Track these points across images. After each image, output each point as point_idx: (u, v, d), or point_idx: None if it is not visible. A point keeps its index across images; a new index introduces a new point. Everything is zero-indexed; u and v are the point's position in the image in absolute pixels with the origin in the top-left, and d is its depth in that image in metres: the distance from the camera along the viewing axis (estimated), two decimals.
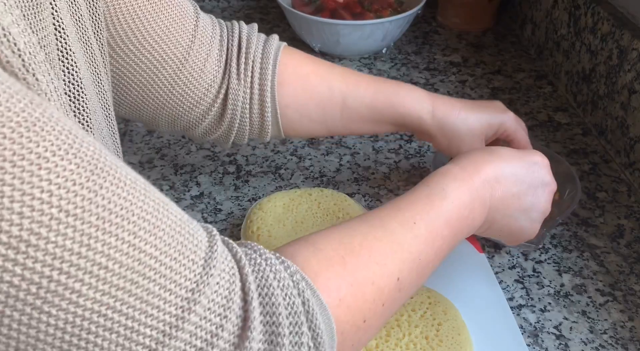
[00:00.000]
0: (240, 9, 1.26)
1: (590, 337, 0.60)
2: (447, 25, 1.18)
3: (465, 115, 0.63)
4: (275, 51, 0.63)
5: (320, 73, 0.64)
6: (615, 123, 0.82)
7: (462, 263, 0.66)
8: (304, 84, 0.63)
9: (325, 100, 0.63)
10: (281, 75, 0.62)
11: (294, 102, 0.63)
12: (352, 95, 0.63)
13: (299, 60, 0.65)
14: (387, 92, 0.64)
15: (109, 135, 0.48)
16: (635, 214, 0.74)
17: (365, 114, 0.64)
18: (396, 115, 0.64)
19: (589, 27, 0.88)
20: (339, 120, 0.65)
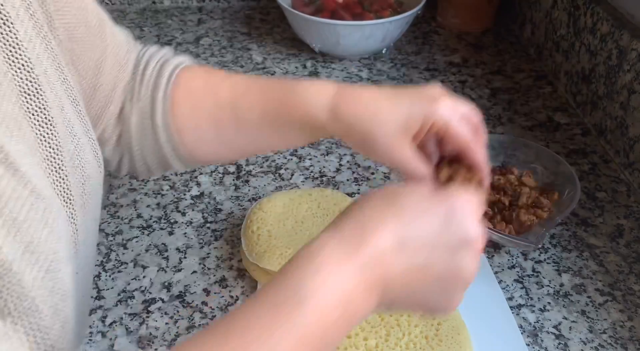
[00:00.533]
0: (241, 9, 1.26)
1: (589, 337, 0.60)
2: (446, 26, 1.18)
3: (374, 109, 0.48)
4: (169, 72, 0.55)
5: (208, 86, 0.56)
6: (615, 123, 0.82)
7: None
8: (192, 102, 0.55)
9: (216, 115, 0.54)
10: (174, 98, 0.54)
11: (187, 124, 0.55)
12: (241, 104, 0.54)
13: (191, 77, 0.56)
14: (279, 94, 0.53)
15: (82, 132, 0.45)
16: (635, 214, 0.74)
17: (261, 123, 0.53)
18: (291, 118, 0.52)
19: (589, 28, 0.88)
20: (237, 136, 0.55)
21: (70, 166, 0.42)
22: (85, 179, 0.44)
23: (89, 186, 0.44)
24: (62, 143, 0.41)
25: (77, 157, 0.43)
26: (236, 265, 0.68)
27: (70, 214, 0.41)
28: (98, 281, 0.66)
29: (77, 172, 0.43)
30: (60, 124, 0.41)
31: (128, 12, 1.24)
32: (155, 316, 0.62)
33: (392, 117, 0.48)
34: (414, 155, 0.48)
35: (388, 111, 0.48)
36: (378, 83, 1.00)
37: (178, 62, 0.57)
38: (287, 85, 0.53)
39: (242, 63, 1.06)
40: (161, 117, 0.54)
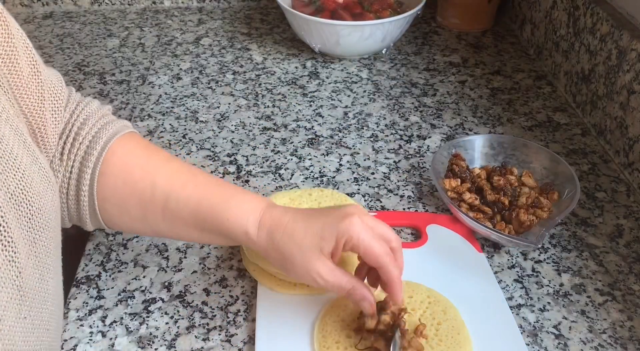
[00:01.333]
0: (241, 10, 1.26)
1: (589, 337, 0.60)
2: (446, 26, 1.18)
3: (292, 230, 0.53)
4: (107, 138, 0.55)
5: (147, 168, 0.56)
6: (615, 123, 0.82)
7: (462, 263, 0.66)
8: (126, 177, 0.55)
9: (147, 198, 0.55)
10: (106, 166, 0.54)
11: (114, 196, 0.55)
12: (174, 197, 0.55)
13: (130, 151, 0.56)
14: (213, 200, 0.55)
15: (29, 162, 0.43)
16: (634, 214, 0.74)
17: (189, 220, 0.56)
18: (220, 227, 0.55)
19: (588, 28, 0.88)
20: (162, 222, 0.56)
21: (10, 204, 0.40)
22: (34, 213, 0.42)
23: (39, 219, 0.43)
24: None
25: (21, 192, 0.42)
26: (236, 265, 0.68)
27: (10, 258, 0.39)
28: (98, 281, 0.66)
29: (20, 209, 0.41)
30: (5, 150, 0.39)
31: (128, 12, 1.24)
32: (155, 316, 0.62)
33: (306, 239, 0.53)
34: (331, 271, 0.53)
35: (303, 233, 0.53)
36: (377, 83, 1.00)
37: (117, 128, 0.57)
38: (221, 196, 0.56)
39: (242, 63, 1.06)
40: (88, 185, 0.54)
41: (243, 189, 0.58)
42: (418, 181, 0.80)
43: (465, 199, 0.71)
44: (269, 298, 0.62)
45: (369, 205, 0.76)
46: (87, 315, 0.62)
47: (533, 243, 0.64)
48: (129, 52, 1.09)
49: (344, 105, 0.95)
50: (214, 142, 0.87)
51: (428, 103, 0.96)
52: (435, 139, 0.87)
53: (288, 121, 0.91)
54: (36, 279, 0.42)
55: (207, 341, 0.59)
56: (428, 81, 1.01)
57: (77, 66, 1.05)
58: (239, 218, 0.55)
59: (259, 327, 0.59)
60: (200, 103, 0.95)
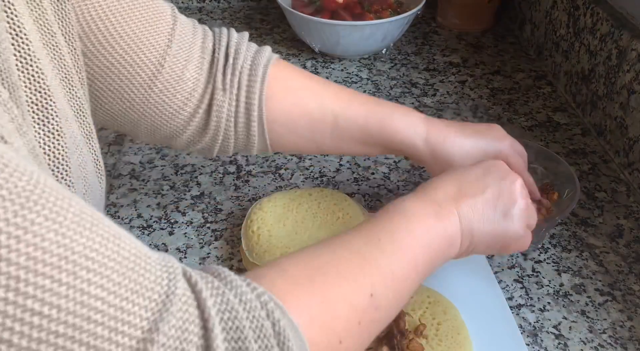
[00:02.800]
0: (241, 10, 1.26)
1: (589, 337, 0.60)
2: (446, 26, 1.18)
3: (461, 142, 0.61)
4: (265, 63, 0.59)
5: (312, 89, 0.61)
6: (615, 123, 0.82)
7: (462, 263, 0.66)
8: (294, 99, 0.60)
9: (316, 117, 0.60)
10: (270, 89, 0.59)
11: (283, 117, 0.60)
12: (344, 115, 0.60)
13: (290, 74, 0.61)
14: (380, 114, 0.60)
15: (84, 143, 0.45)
16: (634, 214, 0.74)
17: (357, 136, 0.61)
18: (388, 138, 0.61)
19: (588, 28, 0.88)
20: (329, 139, 0.62)
21: (75, 177, 0.42)
22: (87, 190, 0.44)
23: (90, 198, 0.45)
24: (69, 154, 0.41)
25: (80, 167, 0.43)
26: (236, 265, 0.68)
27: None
28: None
29: (79, 183, 0.43)
30: (66, 134, 0.41)
31: None
32: None
33: (472, 152, 0.61)
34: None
35: (470, 146, 0.61)
36: (378, 83, 1.00)
37: (268, 54, 0.61)
38: (385, 109, 0.61)
39: None
40: (257, 109, 0.58)
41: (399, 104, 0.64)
42: (418, 181, 0.80)
43: None
44: None
45: (369, 205, 0.76)
46: None
47: (533, 243, 0.64)
48: None
49: None
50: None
51: (428, 103, 0.96)
52: None
53: None
54: None
55: None
56: (428, 81, 1.01)
57: None
58: (408, 130, 0.60)
59: None
60: None
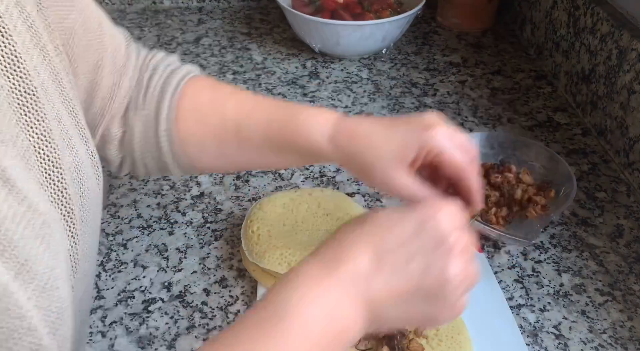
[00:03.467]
0: (241, 10, 1.26)
1: (589, 337, 0.60)
2: (446, 26, 1.18)
3: (370, 141, 0.51)
4: (176, 83, 0.56)
5: (215, 104, 0.57)
6: (615, 123, 0.82)
7: None
8: (198, 116, 0.56)
9: (220, 132, 0.56)
10: (179, 110, 0.56)
11: (190, 137, 0.56)
12: (245, 123, 0.55)
13: (197, 90, 0.57)
14: (282, 118, 0.55)
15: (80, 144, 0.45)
16: (635, 214, 0.74)
17: (262, 144, 0.56)
18: (292, 142, 0.54)
19: (589, 28, 0.88)
20: (239, 153, 0.57)
21: (69, 178, 0.41)
22: (84, 192, 0.44)
23: (87, 199, 0.44)
24: (61, 156, 0.40)
25: (76, 169, 0.43)
26: (236, 265, 0.68)
27: (69, 228, 0.41)
28: (98, 281, 0.66)
29: (75, 185, 0.42)
30: (58, 136, 0.40)
31: (128, 12, 1.24)
32: (155, 316, 0.62)
33: (387, 148, 0.50)
34: (411, 181, 0.50)
35: (383, 142, 0.50)
36: (378, 83, 1.00)
37: (185, 72, 0.58)
38: (291, 111, 0.55)
39: (242, 63, 1.06)
40: (165, 128, 0.55)
41: (310, 106, 0.58)
42: None
43: None
44: None
45: (369, 205, 0.76)
46: None
47: (527, 239, 0.65)
48: None
49: (344, 105, 0.95)
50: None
51: (428, 103, 0.96)
52: None
53: None
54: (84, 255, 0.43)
55: None
56: (428, 81, 1.01)
57: None
58: (313, 132, 0.53)
59: None
60: None
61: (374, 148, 0.51)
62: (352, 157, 0.52)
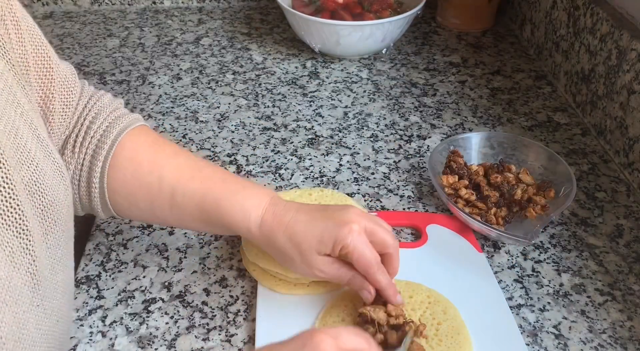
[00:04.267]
0: (241, 10, 1.26)
1: (589, 337, 0.60)
2: (446, 26, 1.18)
3: (292, 231, 0.55)
4: (118, 132, 0.57)
5: (155, 162, 0.58)
6: (615, 123, 0.82)
7: (462, 263, 0.66)
8: (134, 171, 0.57)
9: (154, 192, 0.57)
10: (115, 159, 0.57)
11: (122, 189, 0.58)
12: (181, 191, 0.57)
13: (139, 144, 0.59)
14: (217, 196, 0.57)
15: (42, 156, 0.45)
16: (634, 214, 0.74)
17: (194, 213, 0.58)
18: (224, 222, 0.57)
19: (588, 28, 0.88)
20: (169, 214, 0.59)
21: (25, 194, 0.41)
22: (46, 205, 0.43)
23: (51, 212, 0.44)
24: (12, 172, 0.40)
25: (35, 183, 0.42)
26: (236, 265, 0.68)
27: (25, 245, 0.40)
28: (98, 281, 0.66)
29: (34, 200, 0.42)
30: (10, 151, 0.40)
31: (128, 12, 1.24)
32: (155, 316, 0.62)
33: (306, 240, 0.55)
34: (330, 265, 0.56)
35: (302, 235, 0.55)
36: (377, 83, 1.00)
37: (128, 122, 0.59)
38: (227, 189, 0.57)
39: (242, 63, 1.06)
40: (98, 177, 0.57)
41: (248, 183, 0.60)
42: (418, 181, 0.80)
43: (462, 195, 0.72)
44: (269, 298, 0.62)
45: (369, 205, 0.76)
46: (87, 315, 0.62)
47: (527, 239, 0.65)
48: (129, 52, 1.09)
49: (344, 105, 0.95)
50: (214, 142, 0.87)
51: (428, 103, 0.96)
52: (435, 139, 0.87)
53: (288, 121, 0.91)
54: (48, 269, 0.43)
55: (207, 341, 0.59)
56: (428, 81, 1.01)
57: (77, 66, 1.05)
58: (241, 215, 0.56)
59: (259, 327, 0.59)
60: (200, 103, 0.95)
61: (294, 239, 0.55)
62: (275, 244, 0.56)
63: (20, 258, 0.39)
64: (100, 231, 0.72)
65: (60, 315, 0.46)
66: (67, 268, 0.47)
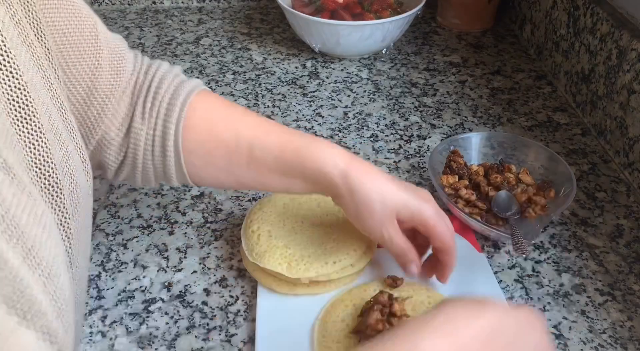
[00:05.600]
0: (241, 10, 1.26)
1: (589, 337, 0.60)
2: (446, 26, 1.18)
3: (381, 185, 0.56)
4: (186, 94, 0.58)
5: (229, 119, 0.59)
6: (615, 123, 0.82)
7: (462, 263, 0.66)
8: (210, 130, 0.58)
9: (232, 148, 0.58)
10: (189, 120, 0.57)
11: (199, 149, 0.58)
12: (259, 144, 0.57)
13: (210, 105, 0.59)
14: (297, 144, 0.57)
15: (69, 140, 0.45)
16: (634, 214, 0.74)
17: (273, 166, 0.58)
18: (305, 169, 0.57)
19: (588, 28, 0.88)
20: (247, 171, 0.59)
21: (61, 173, 0.42)
22: (74, 186, 0.44)
23: (77, 194, 0.45)
24: (52, 151, 0.41)
25: (66, 164, 0.43)
26: (236, 265, 0.68)
27: (61, 221, 0.41)
28: (98, 281, 0.66)
29: (66, 179, 0.43)
30: (49, 131, 0.41)
31: (128, 12, 1.24)
32: (155, 316, 0.62)
33: (393, 199, 0.56)
34: (398, 232, 0.58)
35: (391, 193, 0.56)
36: (377, 83, 1.00)
37: (193, 85, 0.59)
38: (305, 139, 0.58)
39: (242, 63, 1.06)
40: (173, 139, 0.56)
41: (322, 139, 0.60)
42: (418, 181, 0.80)
43: (462, 195, 0.72)
44: (269, 298, 0.62)
45: None
46: (87, 315, 0.62)
47: (527, 239, 0.65)
48: None
49: (344, 105, 0.95)
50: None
51: (428, 103, 0.96)
52: (435, 139, 0.87)
53: (288, 121, 0.91)
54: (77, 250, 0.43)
55: (207, 341, 0.59)
56: (428, 81, 1.01)
57: None
58: (324, 162, 0.56)
59: (259, 327, 0.59)
60: None
61: (382, 195, 0.56)
62: (357, 193, 0.56)
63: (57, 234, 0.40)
64: (100, 231, 0.72)
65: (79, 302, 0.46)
66: (86, 254, 0.48)
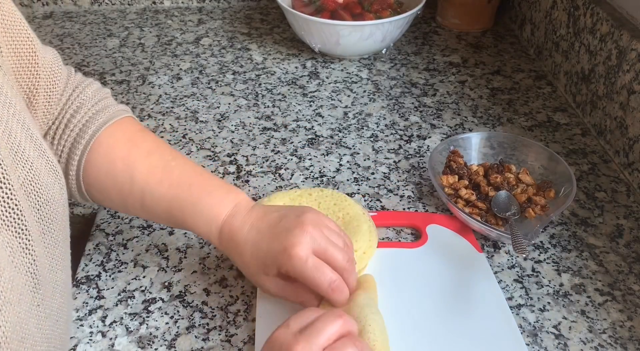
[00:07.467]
0: (241, 10, 1.26)
1: (589, 337, 0.60)
2: (446, 26, 1.18)
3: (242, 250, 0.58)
4: (97, 126, 0.59)
5: (128, 161, 0.59)
6: (614, 123, 0.82)
7: (462, 263, 0.66)
8: (108, 171, 0.59)
9: (126, 191, 0.59)
10: (92, 154, 0.58)
11: (98, 184, 0.59)
12: (150, 194, 0.59)
13: (116, 142, 0.59)
14: (182, 203, 0.58)
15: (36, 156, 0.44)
16: (634, 214, 0.74)
17: (163, 216, 0.60)
18: (189, 227, 0.60)
19: (588, 28, 0.88)
20: (141, 212, 0.61)
21: (22, 194, 0.41)
22: (42, 204, 0.44)
23: (47, 211, 0.44)
24: (9, 172, 0.40)
25: (30, 183, 0.43)
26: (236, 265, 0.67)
27: (24, 245, 0.40)
28: (98, 281, 0.66)
29: (30, 199, 0.42)
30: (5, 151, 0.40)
31: (128, 12, 1.24)
32: (155, 316, 0.62)
33: (252, 262, 0.58)
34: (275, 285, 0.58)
35: (249, 256, 0.58)
36: (377, 83, 1.00)
37: (110, 115, 0.60)
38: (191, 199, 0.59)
39: (242, 63, 1.06)
40: (75, 169, 0.58)
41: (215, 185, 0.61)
42: (418, 181, 0.80)
43: (462, 195, 0.72)
44: (269, 298, 0.62)
45: (369, 205, 0.76)
46: (87, 315, 0.62)
47: (527, 239, 0.65)
48: (129, 52, 1.09)
49: (344, 105, 0.95)
50: (214, 142, 0.87)
51: (428, 103, 0.96)
52: (435, 139, 0.87)
53: (288, 121, 0.91)
54: (47, 269, 0.43)
55: (207, 341, 0.59)
56: (428, 81, 1.01)
57: (77, 66, 1.05)
58: (204, 228, 0.59)
59: (259, 327, 0.59)
60: (200, 103, 0.95)
61: (243, 258, 0.58)
62: (231, 251, 0.59)
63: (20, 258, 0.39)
64: (100, 231, 0.72)
65: (60, 315, 0.46)
66: (65, 268, 0.47)
